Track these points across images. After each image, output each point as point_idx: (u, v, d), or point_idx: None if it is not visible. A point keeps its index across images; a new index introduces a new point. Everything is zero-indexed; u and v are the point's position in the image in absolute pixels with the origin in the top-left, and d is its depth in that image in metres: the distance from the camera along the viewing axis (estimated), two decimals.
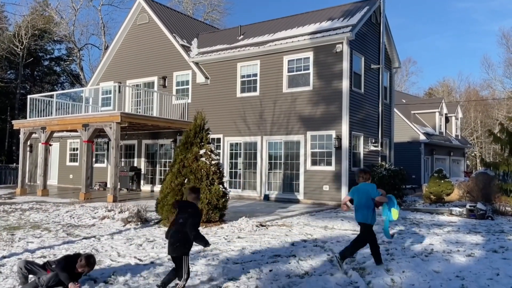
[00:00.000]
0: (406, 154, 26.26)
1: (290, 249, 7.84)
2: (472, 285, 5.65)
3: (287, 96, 17.13)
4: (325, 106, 16.22)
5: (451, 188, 16.87)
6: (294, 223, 11.25)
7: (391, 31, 19.42)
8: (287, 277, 6.02)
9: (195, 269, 6.36)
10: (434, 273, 6.22)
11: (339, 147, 15.71)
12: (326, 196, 15.87)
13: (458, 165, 33.66)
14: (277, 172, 17.25)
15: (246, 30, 20.05)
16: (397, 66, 20.51)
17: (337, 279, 5.87)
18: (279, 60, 17.35)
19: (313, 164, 16.36)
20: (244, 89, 18.33)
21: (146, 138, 21.28)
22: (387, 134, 19.42)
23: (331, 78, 16.12)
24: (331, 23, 16.81)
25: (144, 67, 21.46)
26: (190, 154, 10.57)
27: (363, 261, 6.93)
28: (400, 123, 27.01)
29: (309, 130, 16.51)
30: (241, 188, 18.06)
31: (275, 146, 17.43)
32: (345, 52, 15.78)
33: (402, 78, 58.86)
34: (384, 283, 5.73)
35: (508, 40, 48.36)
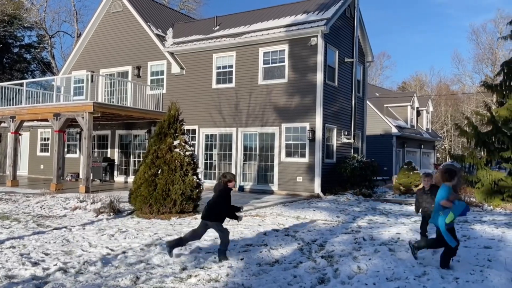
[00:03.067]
0: (378, 146, 26.87)
1: (262, 238, 8.00)
2: (434, 271, 5.93)
3: (263, 88, 17.23)
4: (300, 99, 16.42)
5: (419, 179, 17.40)
6: (268, 213, 11.43)
7: (365, 25, 19.76)
8: (258, 266, 6.17)
9: (167, 258, 6.43)
10: (399, 261, 6.49)
11: (313, 139, 15.96)
12: (300, 187, 16.13)
13: (428, 157, 34.66)
14: (252, 163, 17.39)
15: (222, 21, 19.98)
16: (371, 60, 20.89)
17: (306, 267, 6.06)
18: (254, 52, 17.40)
19: (287, 155, 16.57)
20: (220, 80, 18.33)
21: (120, 129, 21.02)
22: (360, 127, 19.82)
23: (305, 71, 16.31)
24: (306, 16, 16.96)
25: (118, 56, 21.11)
26: (164, 145, 10.56)
27: (331, 250, 7.15)
28: (373, 116, 27.56)
29: (284, 122, 16.69)
30: (216, 179, 18.11)
31: (250, 137, 17.55)
32: (319, 45, 15.98)
33: (377, 71, 59.90)
34: (351, 270, 5.95)
35: (478, 36, 49.88)
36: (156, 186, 10.24)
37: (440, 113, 49.25)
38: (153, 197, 10.18)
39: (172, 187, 10.19)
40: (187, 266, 6.10)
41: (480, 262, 6.47)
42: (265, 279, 5.49)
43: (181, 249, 6.99)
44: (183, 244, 6.68)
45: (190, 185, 10.36)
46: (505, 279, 5.57)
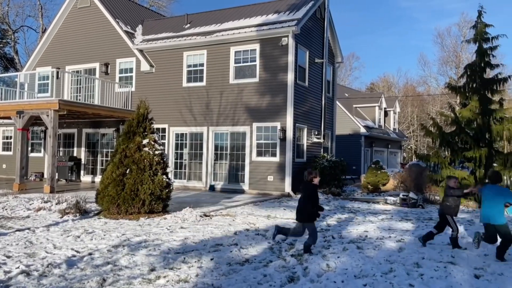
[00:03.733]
0: (347, 146, 27.32)
1: (233, 238, 7.97)
2: (400, 267, 6.08)
3: (234, 87, 17.19)
4: (271, 98, 16.48)
5: (387, 178, 17.85)
6: (238, 212, 11.41)
7: (334, 27, 20.03)
8: (228, 265, 6.14)
9: (135, 259, 6.31)
10: (366, 258, 6.61)
11: (283, 138, 16.05)
12: (271, 187, 16.19)
13: (395, 157, 35.55)
14: (223, 162, 17.32)
15: (193, 19, 19.80)
16: (340, 61, 21.20)
17: (276, 266, 6.08)
18: (226, 51, 17.33)
19: (258, 155, 16.60)
20: (191, 78, 18.15)
21: (87, 127, 20.47)
22: (330, 127, 20.10)
23: (277, 71, 16.39)
24: (277, 16, 17.04)
25: (85, 52, 20.54)
26: (132, 144, 10.36)
27: (301, 248, 7.20)
28: (342, 116, 28.01)
29: (255, 121, 16.70)
30: (187, 179, 17.95)
31: (221, 137, 17.47)
32: (290, 46, 16.08)
33: (346, 72, 60.93)
34: (320, 268, 6.02)
35: (443, 39, 51.54)
36: (124, 186, 10.03)
37: (407, 114, 50.59)
38: (121, 197, 9.96)
39: (141, 186, 10.01)
40: (156, 267, 6.00)
41: (444, 258, 6.68)
42: (235, 279, 5.48)
43: (150, 250, 6.88)
44: (287, 235, 7.43)
45: (160, 185, 10.20)
46: (468, 275, 5.77)
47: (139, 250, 6.89)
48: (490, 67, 15.20)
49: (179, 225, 9.19)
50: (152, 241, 7.53)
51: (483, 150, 14.19)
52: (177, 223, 9.43)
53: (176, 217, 9.97)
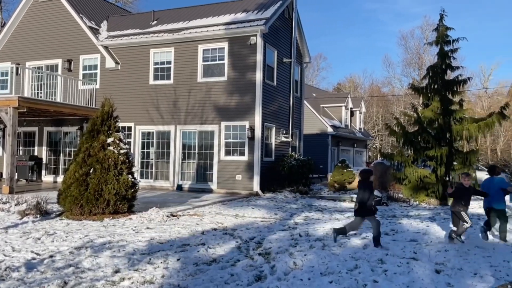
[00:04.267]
0: (315, 145, 27.66)
1: (200, 237, 7.89)
2: (364, 264, 6.20)
3: (202, 86, 17.04)
4: (239, 97, 16.45)
5: (353, 176, 18.20)
6: (206, 212, 11.33)
7: (302, 27, 20.23)
8: (195, 265, 6.08)
9: (98, 261, 6.14)
10: (332, 256, 6.70)
11: (252, 137, 16.07)
12: (239, 186, 16.17)
13: (361, 155, 36.33)
14: (190, 162, 17.15)
15: (160, 16, 19.48)
16: (308, 61, 21.43)
17: (243, 265, 6.07)
18: (194, 49, 17.16)
19: (227, 154, 16.54)
20: (158, 76, 17.86)
21: (49, 125, 19.77)
22: (297, 126, 20.29)
23: (245, 70, 16.37)
24: (245, 15, 17.02)
25: (47, 48, 19.82)
26: (96, 142, 10.08)
27: (269, 247, 7.23)
28: (310, 115, 28.34)
29: (224, 120, 16.63)
30: (153, 179, 17.66)
31: (189, 135, 17.29)
32: (258, 45, 16.10)
33: (314, 72, 61.71)
34: (287, 266, 6.05)
35: (406, 41, 53.08)
36: (87, 186, 9.74)
37: (372, 114, 51.79)
38: (85, 197, 9.68)
39: (106, 186, 9.76)
40: (120, 268, 5.86)
41: (407, 254, 6.87)
42: (202, 279, 5.43)
43: (114, 251, 6.71)
44: (345, 233, 7.75)
45: (125, 185, 9.98)
46: (429, 270, 5.96)
47: (103, 251, 6.71)
48: (451, 69, 15.77)
49: (145, 226, 9.02)
50: (117, 242, 7.35)
51: (444, 149, 14.70)
52: (143, 224, 9.25)
53: (142, 217, 9.79)
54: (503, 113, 14.51)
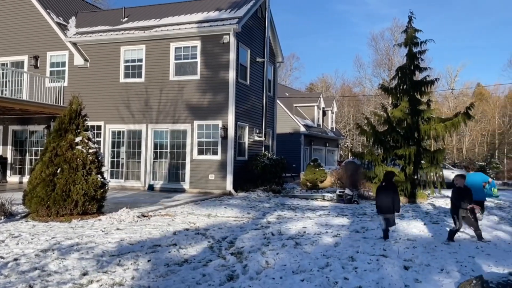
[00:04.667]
0: (287, 144, 27.83)
1: (172, 238, 7.80)
2: (336, 262, 6.28)
3: (174, 84, 16.85)
4: (212, 96, 16.35)
5: (324, 175, 18.42)
6: (178, 212, 11.21)
7: (275, 27, 20.30)
8: (166, 266, 5.99)
9: (65, 264, 5.96)
10: (304, 254, 6.76)
11: (225, 136, 16.00)
12: (212, 185, 16.08)
13: (333, 154, 36.82)
14: (162, 161, 16.92)
15: (131, 13, 19.13)
16: (281, 60, 21.53)
17: (216, 265, 6.03)
18: (165, 47, 16.94)
19: (199, 153, 16.41)
20: (128, 74, 17.53)
21: (14, 124, 19.09)
22: (271, 125, 20.36)
23: (218, 68, 16.29)
24: (218, 14, 16.93)
25: (12, 44, 19.11)
26: (64, 141, 9.80)
27: (241, 246, 7.21)
28: (283, 115, 28.48)
29: (196, 119, 16.50)
30: (124, 178, 17.33)
31: (161, 135, 17.06)
32: (231, 44, 16.05)
33: (287, 72, 62.05)
34: (259, 265, 6.06)
35: (377, 43, 54.11)
36: (55, 186, 9.45)
37: (344, 113, 52.59)
38: (52, 198, 9.38)
39: (74, 187, 9.49)
40: (89, 271, 5.71)
41: (376, 251, 7.00)
42: (173, 280, 5.35)
43: (82, 253, 6.53)
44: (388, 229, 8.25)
45: (94, 185, 9.74)
46: (398, 266, 6.09)
47: (71, 253, 6.52)
48: (419, 70, 16.19)
49: (114, 227, 8.83)
50: (85, 244, 7.17)
51: (412, 148, 15.08)
52: (113, 225, 9.06)
53: (112, 218, 9.58)
54: (468, 113, 15.01)
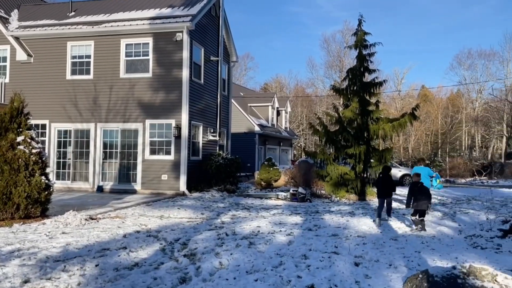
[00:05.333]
0: (242, 144, 27.83)
1: (121, 241, 7.52)
2: (289, 260, 6.32)
3: (125, 82, 16.33)
4: (165, 95, 16.01)
5: (278, 175, 18.59)
6: (129, 214, 10.87)
7: (229, 26, 20.22)
8: (115, 271, 5.76)
9: (5, 271, 5.57)
10: (258, 253, 6.75)
11: (178, 136, 15.72)
12: (165, 186, 15.75)
13: (287, 154, 37.30)
14: (112, 161, 16.35)
15: (78, 7, 18.34)
16: (235, 60, 21.48)
17: (168, 267, 5.88)
18: (116, 43, 16.37)
19: (151, 153, 16.01)
20: (76, 71, 16.78)
21: None
22: (225, 125, 20.26)
23: (171, 66, 15.97)
24: (171, 11, 16.61)
25: None
26: (4, 141, 9.21)
27: (195, 247, 7.09)
28: (237, 114, 28.46)
29: (148, 118, 16.08)
30: (71, 180, 16.57)
31: (110, 134, 16.47)
32: (185, 42, 15.79)
33: (241, 72, 62.13)
34: (213, 266, 5.97)
35: (328, 44, 55.45)
36: None
37: (297, 113, 53.42)
38: None
39: (15, 189, 8.94)
40: (31, 278, 5.37)
41: (328, 249, 7.13)
42: (122, 284, 5.16)
43: (24, 259, 6.15)
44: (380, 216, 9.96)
45: (38, 187, 9.22)
46: (349, 263, 6.23)
47: (11, 260, 6.12)
48: (369, 72, 16.72)
49: (60, 231, 8.40)
50: (27, 250, 6.75)
51: (362, 147, 15.55)
52: (58, 228, 8.61)
53: (57, 221, 9.11)
54: (414, 114, 15.70)
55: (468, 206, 13.45)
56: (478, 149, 52.77)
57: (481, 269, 4.79)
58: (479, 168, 34.20)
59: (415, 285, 4.91)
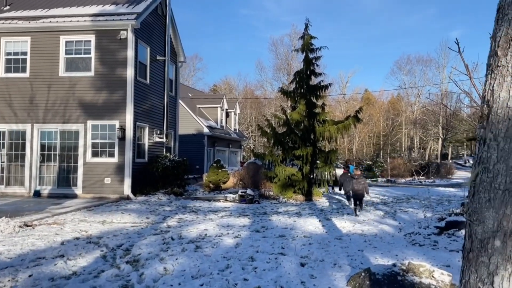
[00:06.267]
0: (191, 145, 27.47)
1: (59, 249, 7.09)
2: (236, 263, 6.26)
3: (65, 81, 15.52)
4: (109, 94, 15.40)
5: (227, 176, 18.50)
6: (68, 220, 10.31)
7: (177, 25, 19.88)
8: (51, 281, 5.41)
9: None
10: (205, 257, 6.63)
11: (123, 137, 15.17)
12: (108, 189, 15.13)
13: (236, 155, 37.29)
14: (51, 164, 15.46)
15: (13, 1, 17.22)
16: (183, 60, 21.14)
17: (108, 275, 5.61)
18: (55, 40, 15.53)
19: (94, 155, 15.33)
20: (10, 68, 15.72)
21: None
22: (172, 126, 19.85)
23: (115, 65, 15.39)
24: (115, 8, 16.03)
25: None
26: None
27: (138, 253, 6.84)
28: (186, 116, 28.05)
29: (91, 119, 15.39)
30: (5, 184, 15.48)
31: (49, 135, 15.58)
32: (129, 40, 15.29)
33: (190, 73, 61.45)
34: (157, 272, 5.78)
35: (277, 47, 56.26)
36: None
37: (246, 115, 53.66)
38: None
39: None
40: None
41: (275, 250, 7.15)
42: None
43: None
44: None
45: None
46: (295, 264, 6.27)
47: None
48: (315, 75, 17.09)
49: None
50: None
51: (309, 149, 15.85)
52: None
53: None
54: (357, 116, 16.24)
55: (408, 205, 14.11)
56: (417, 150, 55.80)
57: (419, 265, 5.00)
58: (418, 168, 36.10)
59: (358, 283, 5.03)
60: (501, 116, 2.60)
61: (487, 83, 2.71)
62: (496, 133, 2.60)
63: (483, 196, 2.62)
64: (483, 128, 2.68)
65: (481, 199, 2.63)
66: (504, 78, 2.62)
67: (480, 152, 2.67)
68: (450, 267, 6.09)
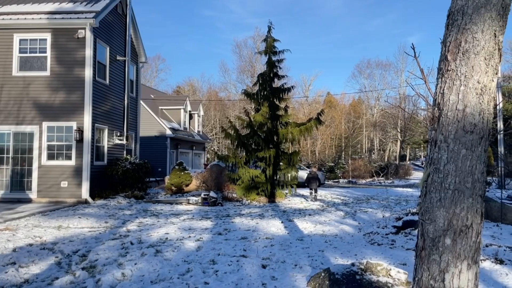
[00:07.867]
0: (153, 148, 26.99)
1: (10, 256, 6.74)
2: (197, 267, 6.17)
3: (19, 80, 14.84)
4: (66, 95, 14.86)
5: (190, 179, 18.28)
6: (21, 225, 9.84)
7: (138, 25, 19.50)
8: None
9: None
10: (165, 261, 6.50)
11: (80, 139, 14.68)
12: (65, 193, 14.58)
13: (200, 158, 36.96)
14: (3, 168, 14.72)
15: None
16: (144, 60, 20.74)
17: (63, 283, 5.39)
18: (8, 38, 14.83)
19: (49, 158, 14.73)
20: None
21: None
22: (133, 128, 19.43)
23: (72, 65, 14.88)
24: (73, 6, 15.51)
25: None
26: None
27: (95, 259, 6.62)
28: (147, 117, 27.53)
29: (46, 120, 14.78)
30: None
31: (1, 137, 14.83)
32: (88, 39, 14.83)
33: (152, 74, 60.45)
34: (114, 278, 5.61)
35: (240, 50, 56.26)
36: None
37: (210, 117, 53.34)
38: None
39: None
40: None
41: (237, 252, 7.12)
42: None
43: None
44: None
45: None
46: (257, 266, 6.26)
47: None
48: (278, 78, 17.23)
49: None
50: None
51: (272, 151, 15.94)
52: None
53: None
54: (319, 118, 16.50)
55: (367, 205, 14.47)
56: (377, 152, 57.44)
57: (377, 264, 5.11)
58: (377, 170, 37.14)
59: (318, 283, 5.08)
60: (451, 118, 2.70)
61: (438, 87, 2.81)
62: (446, 135, 2.70)
63: (434, 196, 2.71)
64: (434, 130, 2.78)
65: (433, 199, 2.72)
66: (453, 82, 2.72)
67: (431, 153, 2.76)
68: (407, 265, 6.27)
